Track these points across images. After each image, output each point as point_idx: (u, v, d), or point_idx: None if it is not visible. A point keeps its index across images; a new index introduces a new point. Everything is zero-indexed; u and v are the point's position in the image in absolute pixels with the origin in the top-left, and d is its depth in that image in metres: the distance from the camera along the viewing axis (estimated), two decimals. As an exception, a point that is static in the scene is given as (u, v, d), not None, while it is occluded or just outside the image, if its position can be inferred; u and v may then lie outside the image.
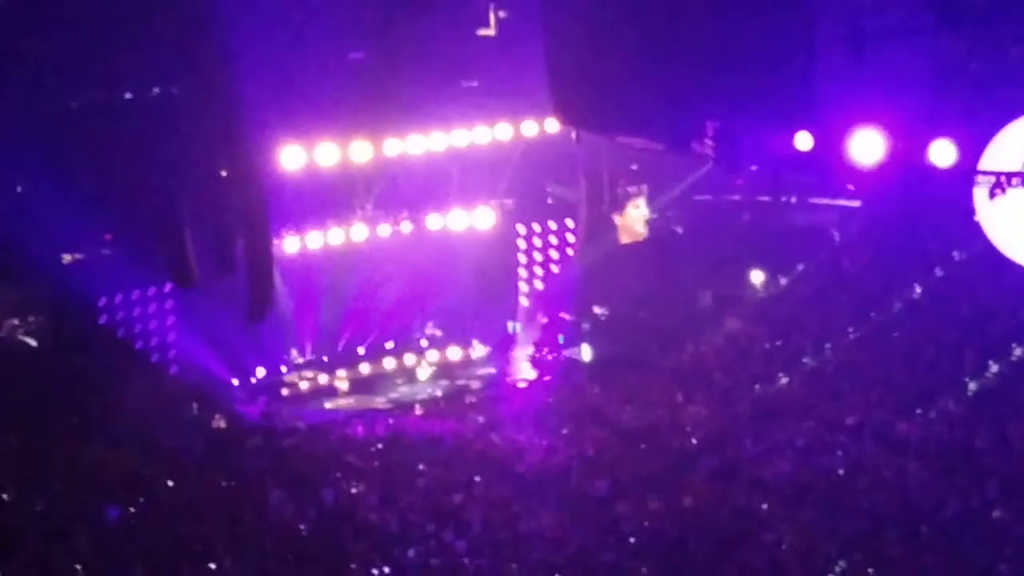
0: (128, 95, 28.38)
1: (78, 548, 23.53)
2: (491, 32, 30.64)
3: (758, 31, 14.77)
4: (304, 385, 33.66)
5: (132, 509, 25.28)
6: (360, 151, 29.86)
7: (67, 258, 30.01)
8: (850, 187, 16.77)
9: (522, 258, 36.89)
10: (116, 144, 27.04)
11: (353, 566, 23.91)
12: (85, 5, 25.95)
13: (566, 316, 36.39)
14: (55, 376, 27.95)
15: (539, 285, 37.07)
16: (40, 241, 27.94)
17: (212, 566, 23.45)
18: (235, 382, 32.41)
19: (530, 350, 35.50)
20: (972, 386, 28.68)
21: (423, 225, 33.28)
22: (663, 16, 16.38)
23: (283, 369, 33.77)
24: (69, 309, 29.20)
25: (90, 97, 28.15)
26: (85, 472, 26.43)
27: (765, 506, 25.55)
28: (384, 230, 32.74)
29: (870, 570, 23.20)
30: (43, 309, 29.80)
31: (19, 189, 27.88)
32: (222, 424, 30.33)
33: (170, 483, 26.47)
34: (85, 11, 25.92)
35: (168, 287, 30.65)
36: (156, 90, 28.27)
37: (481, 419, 30.97)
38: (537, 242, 36.89)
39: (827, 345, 32.07)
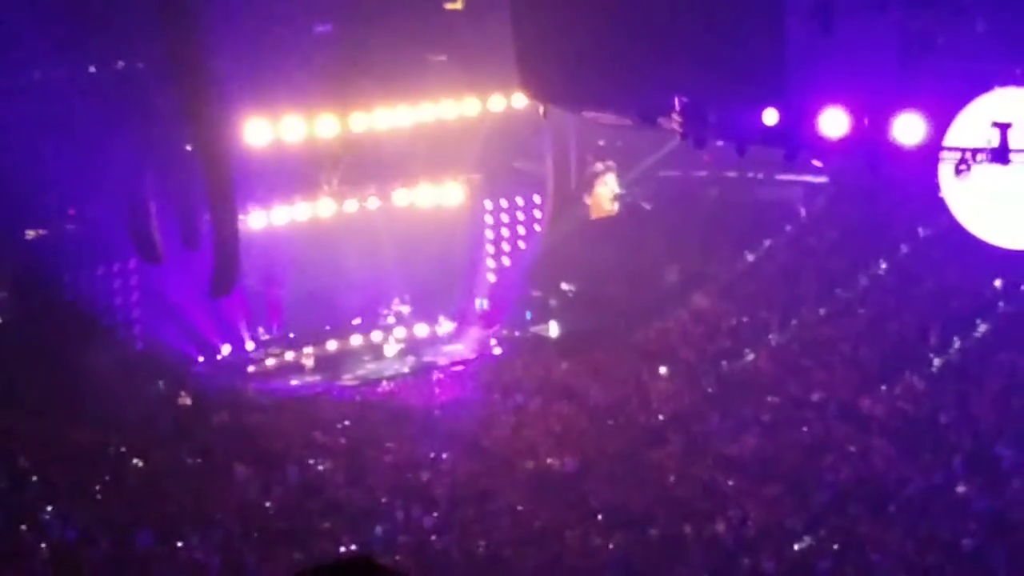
0: (92, 69, 28.10)
1: (43, 525, 23.44)
2: (458, 6, 30.46)
3: (727, 5, 14.73)
4: (270, 362, 33.48)
5: (97, 487, 25.24)
6: (326, 125, 29.69)
7: (31, 234, 29.74)
8: (817, 163, 16.73)
9: (489, 234, 36.79)
10: (80, 119, 26.77)
11: (320, 543, 23.89)
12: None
13: (534, 292, 36.35)
14: (20, 353, 27.74)
15: (506, 261, 36.99)
16: (3, 217, 27.68)
17: (179, 543, 23.39)
18: (201, 359, 32.23)
19: (497, 327, 35.47)
20: (936, 362, 28.85)
21: (390, 200, 33.15)
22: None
23: (249, 346, 33.59)
24: (34, 285, 28.95)
25: (54, 71, 27.85)
26: (51, 449, 26.30)
27: (731, 482, 25.66)
28: (351, 205, 32.58)
29: (835, 545, 23.34)
30: (7, 285, 29.55)
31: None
32: (188, 401, 30.18)
33: (136, 460, 26.37)
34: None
35: (133, 263, 30.40)
36: (121, 64, 28.00)
37: (448, 396, 30.94)
38: (504, 218, 36.79)
39: (793, 321, 32.18)
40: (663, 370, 31.33)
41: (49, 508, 23.92)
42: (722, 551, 23.61)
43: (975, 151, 14.79)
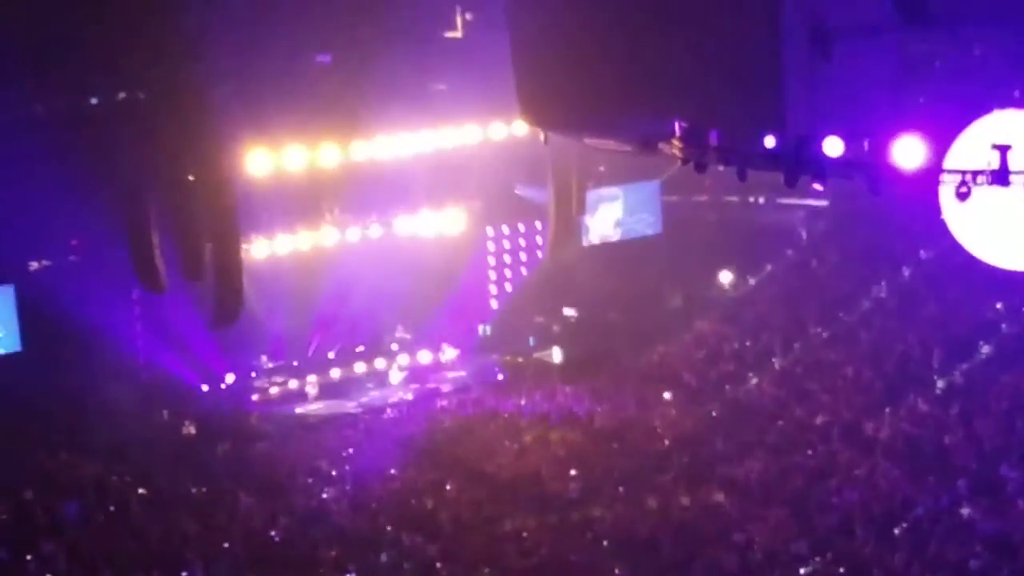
0: (94, 100, 28.20)
1: (48, 556, 23.40)
2: (458, 34, 30.61)
3: (725, 31, 14.80)
4: (274, 390, 33.55)
5: (101, 516, 25.21)
6: (328, 154, 29.78)
7: (34, 265, 29.82)
8: (817, 187, 16.78)
9: (491, 260, 36.90)
10: (82, 149, 26.85)
11: (325, 571, 23.85)
12: (51, 11, 25.77)
13: (537, 318, 36.39)
14: (25, 383, 27.75)
15: (509, 287, 37.08)
16: (7, 248, 27.74)
17: (184, 574, 23.35)
18: (205, 388, 32.25)
19: (500, 353, 35.51)
20: (940, 384, 28.83)
21: (392, 228, 33.25)
22: (630, 17, 16.39)
23: (253, 374, 33.62)
24: (37, 316, 28.99)
25: (56, 103, 27.95)
26: (54, 479, 26.29)
27: (736, 505, 25.62)
28: (353, 234, 32.69)
29: (841, 568, 23.29)
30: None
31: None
32: (192, 430, 30.21)
33: (140, 490, 26.36)
34: (51, 16, 25.76)
35: (136, 293, 30.45)
36: (122, 95, 28.10)
37: (452, 422, 30.93)
38: (506, 244, 36.92)
39: (796, 345, 32.20)
40: (667, 394, 31.33)
41: (54, 540, 23.87)
42: (728, 575, 23.56)
43: (975, 173, 14.83)
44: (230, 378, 32.97)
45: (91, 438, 27.80)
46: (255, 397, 33.13)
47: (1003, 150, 14.71)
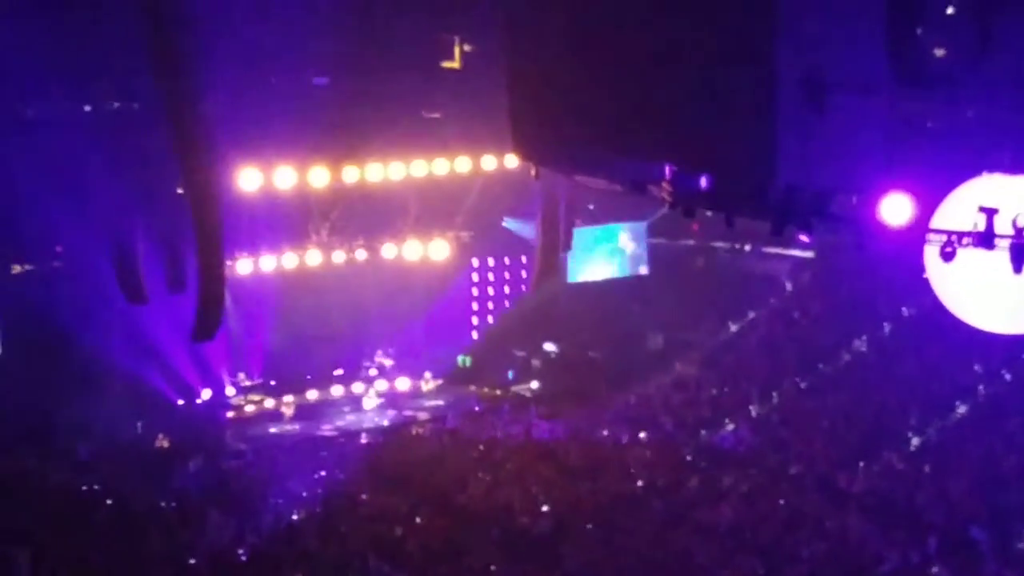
0: (87, 108, 28.20)
1: (14, 568, 23.24)
2: (455, 65, 30.69)
3: (721, 79, 14.85)
4: (250, 408, 33.49)
5: (68, 527, 25.05)
6: (318, 177, 29.80)
7: (17, 269, 29.72)
8: (803, 238, 16.85)
9: (475, 291, 36.96)
10: (72, 157, 26.82)
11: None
12: (51, 16, 25.79)
13: (517, 352, 36.40)
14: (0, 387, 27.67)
15: (491, 319, 37.10)
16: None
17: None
18: (180, 402, 32.15)
19: (479, 384, 35.50)
20: (915, 441, 28.89)
21: (378, 253, 33.27)
22: (624, 59, 16.44)
23: (229, 391, 33.54)
24: (16, 320, 28.88)
25: (47, 109, 27.95)
26: (24, 488, 26.14)
27: (706, 551, 25.58)
28: (338, 257, 32.71)
29: (808, 620, 23.27)
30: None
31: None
32: (165, 444, 30.10)
33: (109, 502, 26.22)
34: (51, 21, 25.78)
35: (118, 302, 30.32)
36: (116, 105, 28.10)
37: (426, 451, 30.87)
38: (491, 276, 36.97)
39: (774, 393, 32.24)
40: (643, 435, 31.32)
41: (18, 547, 23.70)
42: (694, 621, 23.53)
43: (961, 234, 14.87)
44: (206, 393, 32.88)
45: (63, 447, 27.65)
46: (230, 414, 33.05)
47: (990, 213, 14.75)
